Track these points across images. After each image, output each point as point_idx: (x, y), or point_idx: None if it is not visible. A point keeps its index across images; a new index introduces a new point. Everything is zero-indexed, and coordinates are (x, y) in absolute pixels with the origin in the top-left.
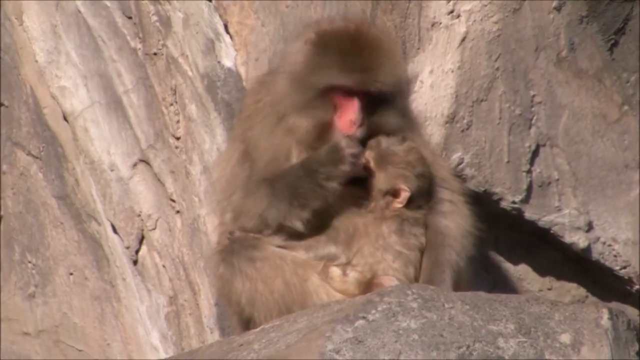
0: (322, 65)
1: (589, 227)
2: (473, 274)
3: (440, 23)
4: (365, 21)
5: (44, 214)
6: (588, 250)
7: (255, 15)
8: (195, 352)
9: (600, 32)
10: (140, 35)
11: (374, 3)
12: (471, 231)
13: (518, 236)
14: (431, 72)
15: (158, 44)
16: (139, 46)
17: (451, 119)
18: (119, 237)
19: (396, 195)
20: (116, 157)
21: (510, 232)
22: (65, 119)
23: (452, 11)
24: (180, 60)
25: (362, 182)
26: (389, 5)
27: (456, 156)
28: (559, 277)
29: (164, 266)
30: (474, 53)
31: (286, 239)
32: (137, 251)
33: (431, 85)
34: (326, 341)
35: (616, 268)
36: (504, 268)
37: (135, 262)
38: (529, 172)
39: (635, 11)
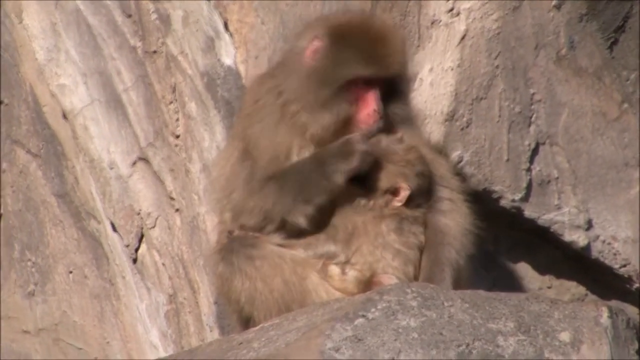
0: (343, 58)
1: (589, 226)
2: (472, 273)
3: (440, 21)
4: (365, 13)
5: (44, 212)
6: (588, 248)
7: (255, 13)
8: (194, 351)
9: (600, 30)
10: (139, 33)
11: (374, 2)
12: (471, 229)
13: (518, 234)
14: (431, 70)
15: (158, 42)
16: (139, 44)
17: (451, 117)
18: (119, 235)
19: (396, 193)
20: (116, 155)
21: (509, 231)
22: (64, 117)
23: (452, 9)
24: (179, 58)
25: (362, 181)
26: (389, 3)
27: (456, 154)
28: (559, 276)
29: (164, 264)
30: (474, 51)
31: (285, 238)
32: (137, 249)
33: (431, 83)
34: (326, 339)
35: (616, 266)
36: (504, 266)
37: (134, 260)
38: (529, 170)
39: (635, 9)
